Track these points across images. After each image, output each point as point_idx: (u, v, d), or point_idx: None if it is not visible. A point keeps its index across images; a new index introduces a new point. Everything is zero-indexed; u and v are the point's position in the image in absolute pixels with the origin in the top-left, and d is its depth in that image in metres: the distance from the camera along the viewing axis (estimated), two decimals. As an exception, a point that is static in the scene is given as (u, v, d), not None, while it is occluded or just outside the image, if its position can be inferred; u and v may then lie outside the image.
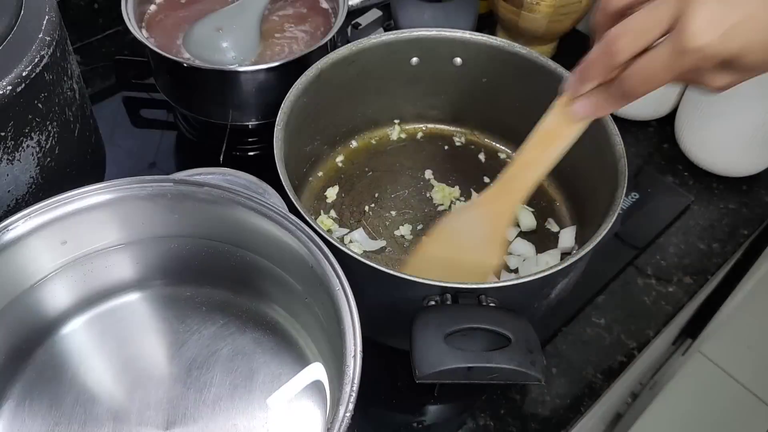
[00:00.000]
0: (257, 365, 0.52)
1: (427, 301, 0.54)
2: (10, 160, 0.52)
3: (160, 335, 0.54)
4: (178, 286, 0.56)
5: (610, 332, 0.71)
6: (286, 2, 0.82)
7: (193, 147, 0.84)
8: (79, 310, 0.54)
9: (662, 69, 0.45)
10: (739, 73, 0.46)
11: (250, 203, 0.51)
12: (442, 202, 0.75)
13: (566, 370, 0.68)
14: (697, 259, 0.78)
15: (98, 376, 0.52)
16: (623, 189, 0.60)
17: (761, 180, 0.86)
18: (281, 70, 0.71)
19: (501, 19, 0.91)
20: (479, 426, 0.63)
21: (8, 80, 0.49)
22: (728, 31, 0.42)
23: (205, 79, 0.73)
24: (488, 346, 0.50)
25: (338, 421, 0.41)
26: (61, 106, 0.56)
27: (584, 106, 0.53)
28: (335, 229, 0.72)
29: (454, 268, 0.61)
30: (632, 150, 0.87)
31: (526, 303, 0.58)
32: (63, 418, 0.49)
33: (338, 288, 0.47)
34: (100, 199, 0.51)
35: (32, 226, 0.49)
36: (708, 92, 0.49)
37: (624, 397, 1.32)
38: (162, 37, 0.77)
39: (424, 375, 0.49)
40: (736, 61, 0.44)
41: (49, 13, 0.54)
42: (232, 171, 0.62)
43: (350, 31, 0.87)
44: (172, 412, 0.49)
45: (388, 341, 0.63)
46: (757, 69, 0.45)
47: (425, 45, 0.73)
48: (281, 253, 0.52)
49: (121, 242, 0.55)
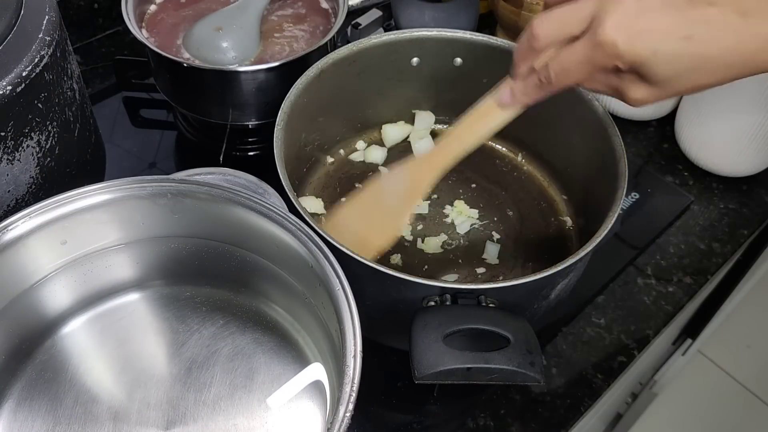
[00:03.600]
0: (257, 365, 0.52)
1: (426, 302, 0.54)
2: (10, 160, 0.52)
3: (160, 335, 0.54)
4: (178, 286, 0.56)
5: (610, 332, 0.71)
6: (286, 2, 0.82)
7: (193, 147, 0.84)
8: (79, 310, 0.55)
9: (578, 61, 0.47)
10: (653, 86, 0.46)
11: (250, 203, 0.51)
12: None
13: (566, 370, 0.68)
14: (697, 259, 0.78)
15: (98, 376, 0.52)
16: (623, 189, 0.60)
17: (761, 180, 0.86)
18: (281, 70, 0.71)
19: (501, 19, 0.91)
20: (479, 426, 0.63)
21: (8, 80, 0.49)
22: (639, 34, 0.44)
23: (205, 79, 0.73)
24: (487, 347, 0.50)
25: (338, 421, 0.41)
26: (61, 106, 0.56)
27: (506, 94, 0.54)
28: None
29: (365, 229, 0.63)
30: (632, 150, 0.87)
31: (525, 303, 0.58)
32: (63, 418, 0.49)
33: (338, 288, 0.47)
34: (100, 199, 0.51)
35: (32, 226, 0.49)
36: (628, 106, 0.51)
37: (624, 397, 1.32)
38: (162, 37, 0.77)
39: (423, 375, 0.49)
40: (648, 71, 0.45)
41: (49, 13, 0.54)
42: (232, 171, 0.62)
43: (350, 31, 0.87)
44: (172, 412, 0.49)
45: (388, 341, 0.63)
46: (669, 85, 0.46)
47: (425, 45, 0.73)
48: (281, 253, 0.52)
49: (121, 242, 0.55)
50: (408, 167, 0.63)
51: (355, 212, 0.64)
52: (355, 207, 0.64)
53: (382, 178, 0.66)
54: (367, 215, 0.64)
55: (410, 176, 0.62)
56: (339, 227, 0.63)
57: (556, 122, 0.72)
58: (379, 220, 0.63)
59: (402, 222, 0.64)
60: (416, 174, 0.62)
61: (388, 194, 0.63)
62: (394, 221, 0.63)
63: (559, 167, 0.76)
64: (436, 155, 0.61)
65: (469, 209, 0.74)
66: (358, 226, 0.63)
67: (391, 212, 0.63)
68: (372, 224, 0.63)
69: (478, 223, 0.73)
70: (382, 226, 0.63)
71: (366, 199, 0.64)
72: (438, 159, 0.60)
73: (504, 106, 0.55)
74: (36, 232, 0.50)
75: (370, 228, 0.63)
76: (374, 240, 0.62)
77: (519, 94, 0.54)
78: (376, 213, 0.63)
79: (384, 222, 0.63)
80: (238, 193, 0.52)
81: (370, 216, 0.63)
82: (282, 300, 0.55)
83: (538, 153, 0.78)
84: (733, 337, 1.72)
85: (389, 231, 0.63)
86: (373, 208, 0.64)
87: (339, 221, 0.64)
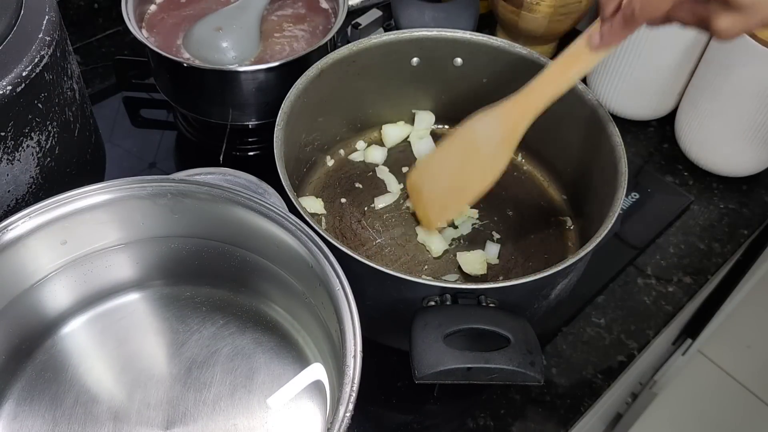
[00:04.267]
0: (257, 365, 0.52)
1: (426, 302, 0.54)
2: (10, 160, 0.52)
3: (160, 335, 0.54)
4: (178, 286, 0.56)
5: (610, 332, 0.71)
6: (286, 2, 0.82)
7: (193, 147, 0.84)
8: (79, 310, 0.55)
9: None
10: (739, 13, 0.46)
11: (250, 203, 0.51)
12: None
13: (566, 370, 0.68)
14: (697, 259, 0.78)
15: (98, 376, 0.52)
16: (623, 189, 0.60)
17: (761, 180, 0.86)
18: (281, 70, 0.71)
19: (501, 19, 0.91)
20: (479, 426, 0.63)
21: (8, 80, 0.49)
22: None
23: (205, 79, 0.73)
24: (488, 347, 0.50)
25: (338, 421, 0.41)
26: (61, 106, 0.56)
27: (595, 36, 0.56)
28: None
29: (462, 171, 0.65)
30: (632, 150, 0.87)
31: (525, 303, 0.58)
32: (63, 418, 0.49)
33: (338, 288, 0.47)
34: (100, 199, 0.51)
35: (32, 226, 0.49)
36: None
37: (624, 397, 1.32)
38: (162, 37, 0.77)
39: (423, 375, 0.49)
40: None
41: (49, 13, 0.54)
42: (232, 171, 0.62)
43: (350, 31, 0.87)
44: (172, 412, 0.49)
45: (388, 341, 0.63)
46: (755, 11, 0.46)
47: (425, 45, 0.73)
48: (281, 253, 0.52)
49: (121, 242, 0.55)
50: (499, 113, 0.63)
51: (446, 160, 0.65)
52: (446, 155, 0.65)
53: (474, 125, 0.65)
54: (460, 163, 0.65)
55: (502, 122, 0.63)
56: (429, 175, 0.64)
57: (557, 122, 0.72)
58: (473, 167, 0.64)
59: (499, 167, 0.64)
60: (509, 119, 0.63)
61: (482, 141, 0.64)
62: (490, 166, 0.64)
63: (559, 167, 0.76)
64: (528, 99, 0.62)
65: (470, 209, 0.74)
66: (450, 174, 0.64)
67: (487, 158, 0.64)
68: (466, 172, 0.64)
69: (478, 223, 0.73)
70: (477, 172, 0.64)
71: (457, 146, 0.65)
72: (531, 103, 0.61)
73: (595, 48, 0.57)
74: (36, 232, 0.50)
75: (463, 175, 0.64)
76: (471, 186, 0.64)
77: (607, 35, 0.55)
78: (470, 160, 0.64)
79: (479, 168, 0.64)
80: (238, 193, 0.52)
81: (463, 164, 0.65)
82: (282, 300, 0.55)
83: (538, 153, 0.78)
84: (733, 337, 1.72)
85: (486, 176, 0.64)
86: (467, 156, 0.65)
87: (428, 169, 0.65)
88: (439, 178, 0.67)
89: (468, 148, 0.65)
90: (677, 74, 0.84)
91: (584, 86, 0.68)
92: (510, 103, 0.63)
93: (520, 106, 0.62)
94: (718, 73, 0.77)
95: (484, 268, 0.69)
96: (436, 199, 0.68)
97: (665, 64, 0.82)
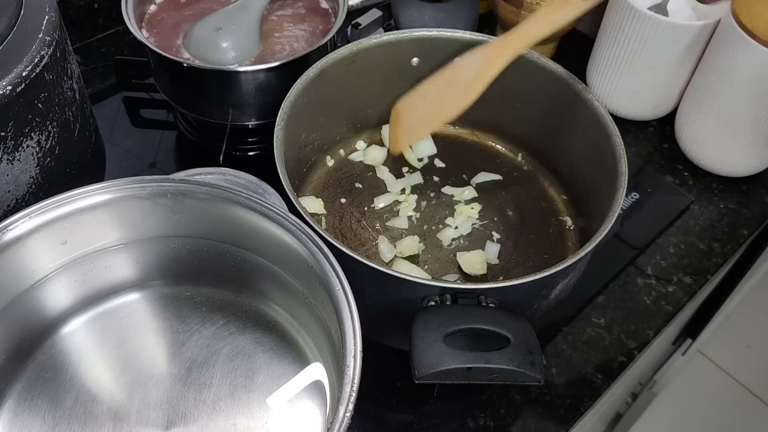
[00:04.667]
0: (257, 365, 0.52)
1: (426, 302, 0.54)
2: (10, 160, 0.52)
3: (160, 335, 0.54)
4: (178, 286, 0.56)
5: (610, 332, 0.71)
6: (286, 2, 0.82)
7: (193, 147, 0.84)
8: (79, 310, 0.55)
9: None
10: None
11: (250, 203, 0.51)
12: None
13: (566, 370, 0.68)
14: (697, 259, 0.78)
15: (98, 376, 0.52)
16: (623, 189, 0.60)
17: (761, 180, 0.86)
18: (281, 70, 0.71)
19: (501, 19, 0.91)
20: (479, 426, 0.63)
21: (8, 80, 0.49)
22: None
23: (205, 79, 0.73)
24: (488, 347, 0.50)
25: (338, 421, 0.41)
26: (61, 106, 0.56)
27: None
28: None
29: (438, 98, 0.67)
30: (632, 150, 0.87)
31: (525, 303, 0.58)
32: (63, 418, 0.49)
33: (338, 288, 0.47)
34: (100, 199, 0.51)
35: (32, 226, 0.49)
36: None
37: (624, 397, 1.32)
38: (162, 37, 0.77)
39: (423, 375, 0.49)
40: None
41: (49, 13, 0.54)
42: (232, 171, 0.62)
43: (350, 31, 0.87)
44: (172, 412, 0.49)
45: (388, 341, 0.63)
46: None
47: (425, 45, 0.73)
48: (281, 253, 0.52)
49: (121, 242, 0.55)
50: (482, 50, 0.65)
51: (429, 89, 0.67)
52: (430, 85, 0.67)
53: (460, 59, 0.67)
54: (438, 92, 0.66)
55: (482, 58, 0.64)
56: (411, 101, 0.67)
57: (557, 122, 0.72)
58: (447, 95, 0.66)
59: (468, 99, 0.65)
60: (487, 56, 0.64)
61: (461, 74, 0.65)
62: (461, 97, 0.65)
63: (559, 167, 0.76)
64: (509, 39, 0.63)
65: (470, 209, 0.74)
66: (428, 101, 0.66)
67: (460, 89, 0.65)
68: (440, 100, 0.66)
69: (478, 223, 0.73)
70: (448, 101, 0.65)
71: (442, 77, 0.66)
72: (510, 43, 0.63)
73: None
74: (36, 232, 0.50)
75: (437, 103, 0.66)
76: (439, 113, 0.66)
77: None
78: (446, 89, 0.66)
79: (451, 97, 0.65)
80: (238, 193, 0.52)
81: (440, 92, 0.66)
82: (282, 300, 0.55)
83: (538, 153, 0.78)
84: (733, 337, 1.72)
85: (455, 106, 0.65)
86: (445, 86, 0.66)
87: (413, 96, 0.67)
88: (418, 104, 0.69)
89: (449, 79, 0.67)
90: (677, 74, 0.84)
91: (584, 86, 0.68)
92: (494, 41, 0.65)
93: (500, 46, 0.64)
94: (718, 73, 0.77)
95: (484, 268, 0.69)
96: (408, 122, 0.69)
97: (665, 64, 0.82)
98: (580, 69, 0.90)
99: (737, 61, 0.74)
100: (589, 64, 0.90)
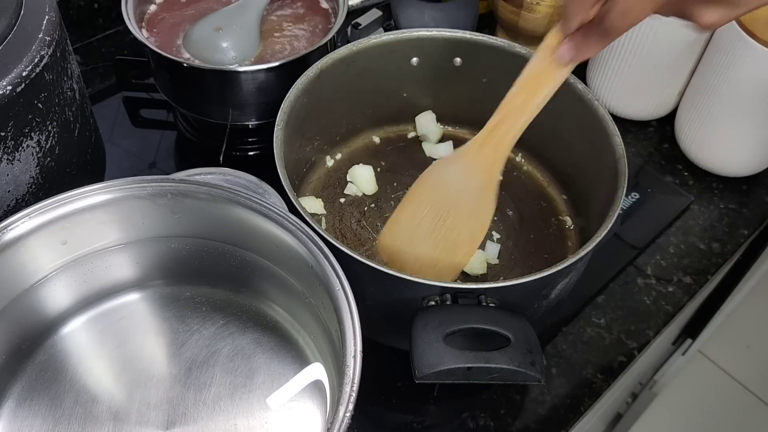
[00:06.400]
0: (257, 365, 0.52)
1: (426, 301, 0.54)
2: (10, 160, 0.52)
3: (160, 335, 0.54)
4: (178, 286, 0.56)
5: (610, 332, 0.71)
6: (286, 2, 0.82)
7: (193, 147, 0.84)
8: (79, 310, 0.55)
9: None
10: (725, 5, 0.43)
11: (250, 203, 0.51)
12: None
13: (566, 370, 0.68)
14: (697, 259, 0.78)
15: (98, 376, 0.52)
16: (623, 189, 0.60)
17: (761, 180, 0.86)
18: (281, 70, 0.71)
19: (501, 19, 0.91)
20: (479, 426, 0.63)
21: (8, 80, 0.49)
22: None
23: (205, 79, 0.73)
24: (488, 347, 0.50)
25: (338, 421, 0.41)
26: (61, 106, 0.56)
27: (568, 49, 0.50)
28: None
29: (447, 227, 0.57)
30: (632, 150, 0.87)
31: (525, 303, 0.58)
32: (63, 418, 0.49)
33: (338, 288, 0.47)
34: (100, 199, 0.51)
35: (32, 226, 0.49)
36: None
37: (624, 397, 1.32)
38: (162, 37, 0.77)
39: (423, 375, 0.49)
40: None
41: (49, 13, 0.54)
42: (232, 171, 0.62)
43: (350, 31, 0.87)
44: (172, 412, 0.49)
45: (388, 341, 0.63)
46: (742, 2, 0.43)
47: (425, 45, 0.73)
48: (281, 253, 0.52)
49: (121, 242, 0.55)
50: (467, 159, 0.57)
51: (420, 219, 0.58)
52: (416, 213, 0.58)
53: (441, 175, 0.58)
54: (439, 219, 0.57)
55: (475, 167, 0.56)
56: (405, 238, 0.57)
57: (556, 122, 0.72)
58: (458, 221, 0.57)
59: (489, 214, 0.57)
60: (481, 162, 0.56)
61: (459, 192, 0.57)
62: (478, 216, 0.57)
63: (559, 167, 0.76)
64: (497, 135, 0.55)
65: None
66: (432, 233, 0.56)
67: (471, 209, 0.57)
68: (451, 227, 0.57)
69: (478, 223, 0.73)
70: (465, 226, 0.57)
71: (428, 201, 0.58)
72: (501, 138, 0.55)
73: (566, 63, 0.51)
74: (36, 232, 0.50)
75: (451, 232, 0.57)
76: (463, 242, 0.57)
77: (582, 48, 0.49)
78: (451, 215, 0.57)
79: (466, 221, 0.57)
80: (238, 193, 0.52)
81: (444, 220, 0.57)
82: (282, 300, 0.55)
83: (538, 153, 0.78)
84: (733, 337, 1.72)
85: (477, 228, 0.57)
86: (447, 211, 0.58)
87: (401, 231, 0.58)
88: (420, 240, 0.59)
89: (444, 203, 0.58)
90: (677, 74, 0.84)
91: (584, 86, 0.68)
92: (476, 143, 0.57)
93: (490, 145, 0.56)
94: (718, 73, 0.77)
95: (484, 268, 0.69)
96: (431, 261, 0.60)
97: (665, 64, 0.82)
98: (580, 69, 0.90)
99: (737, 61, 0.74)
100: (589, 64, 0.90)
